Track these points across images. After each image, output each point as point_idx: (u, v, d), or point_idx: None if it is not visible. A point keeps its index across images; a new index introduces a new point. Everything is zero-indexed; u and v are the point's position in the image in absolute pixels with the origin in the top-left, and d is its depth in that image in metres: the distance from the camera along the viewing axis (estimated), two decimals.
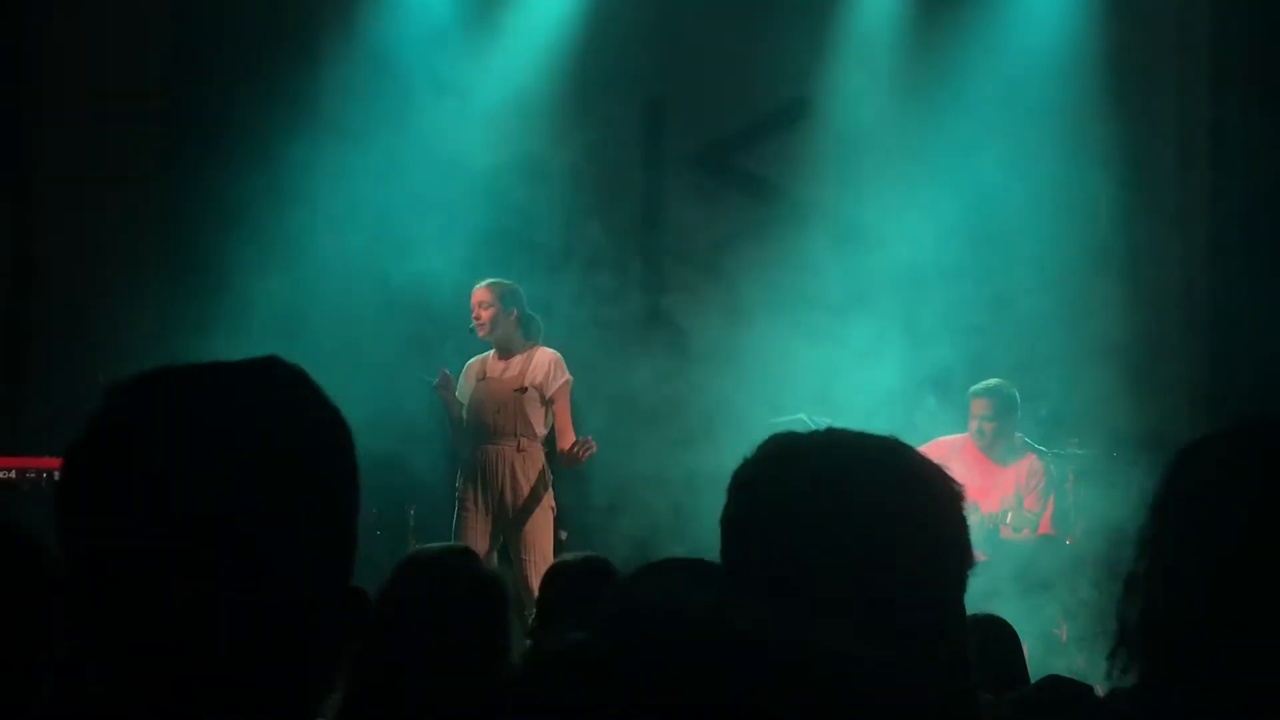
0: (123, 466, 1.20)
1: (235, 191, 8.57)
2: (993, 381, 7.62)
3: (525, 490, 7.29)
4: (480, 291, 7.46)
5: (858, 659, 0.81)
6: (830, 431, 1.56)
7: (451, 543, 2.99)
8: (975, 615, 2.96)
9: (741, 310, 9.22)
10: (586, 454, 7.32)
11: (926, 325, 9.01)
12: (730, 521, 1.55)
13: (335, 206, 8.79)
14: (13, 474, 7.48)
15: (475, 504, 7.34)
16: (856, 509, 1.48)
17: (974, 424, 7.52)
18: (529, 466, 7.34)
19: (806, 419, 7.30)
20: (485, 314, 7.39)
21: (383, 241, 8.76)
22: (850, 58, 9.48)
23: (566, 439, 7.39)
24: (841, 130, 9.59)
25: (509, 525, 7.28)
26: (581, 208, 9.61)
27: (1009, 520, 7.30)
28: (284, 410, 1.24)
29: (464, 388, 7.57)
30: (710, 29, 9.36)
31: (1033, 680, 3.69)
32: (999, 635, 3.68)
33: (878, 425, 1.65)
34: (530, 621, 3.75)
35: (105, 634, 1.20)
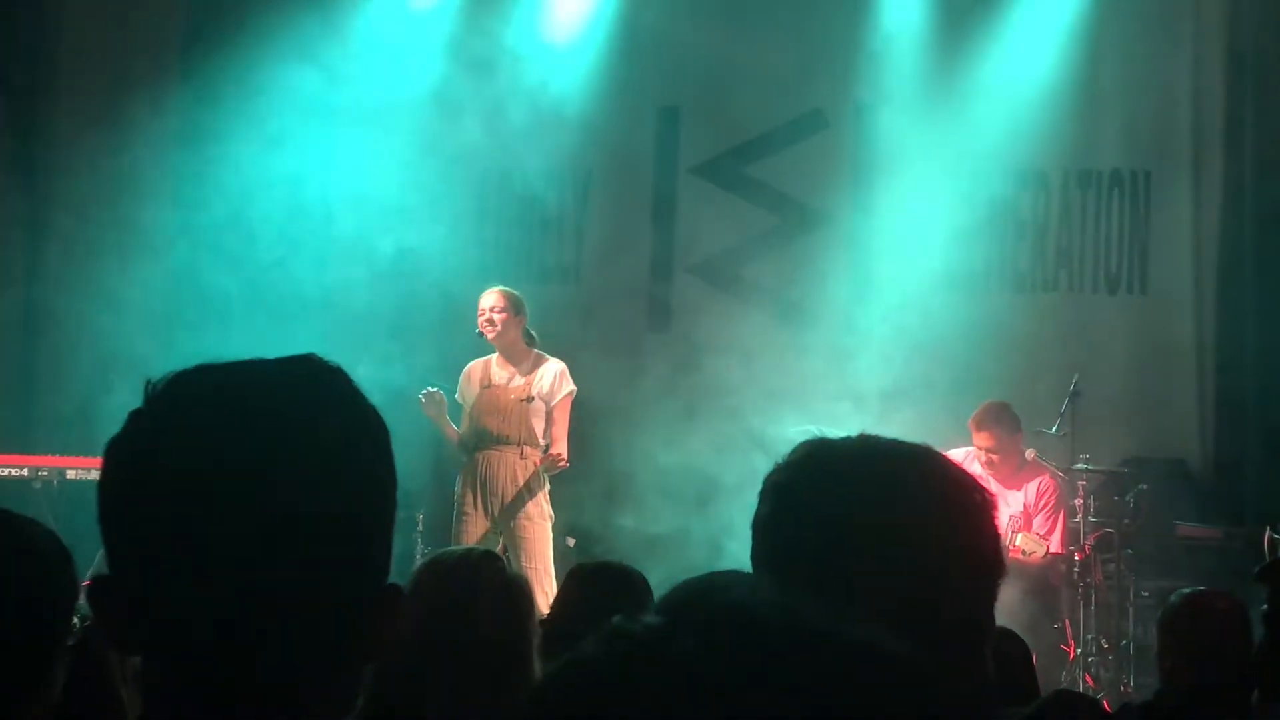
0: (164, 462, 1.19)
1: (249, 195, 8.56)
2: (988, 412, 7.57)
3: (526, 498, 7.28)
4: (493, 295, 7.46)
5: (929, 666, 0.79)
6: (864, 437, 1.56)
7: (473, 546, 2.99)
8: None
9: (750, 319, 9.20)
10: (559, 467, 7.33)
11: (936, 338, 8.98)
12: (763, 524, 1.54)
13: (345, 202, 8.77)
14: (25, 471, 7.51)
15: (475, 509, 7.33)
16: (894, 514, 1.49)
17: (979, 454, 7.54)
18: (531, 475, 7.34)
19: (815, 429, 7.27)
20: (499, 317, 7.39)
21: (399, 247, 8.74)
22: (867, 72, 9.46)
23: (558, 449, 7.38)
24: (856, 144, 9.57)
25: (509, 532, 7.27)
26: (593, 214, 9.60)
27: (1019, 543, 7.28)
28: (322, 406, 1.23)
29: (465, 390, 7.55)
30: (727, 39, 9.35)
31: (1042, 695, 3.67)
32: (1010, 648, 3.65)
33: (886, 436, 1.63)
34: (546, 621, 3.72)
35: (144, 629, 1.20)
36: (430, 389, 7.37)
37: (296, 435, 1.20)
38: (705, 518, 8.22)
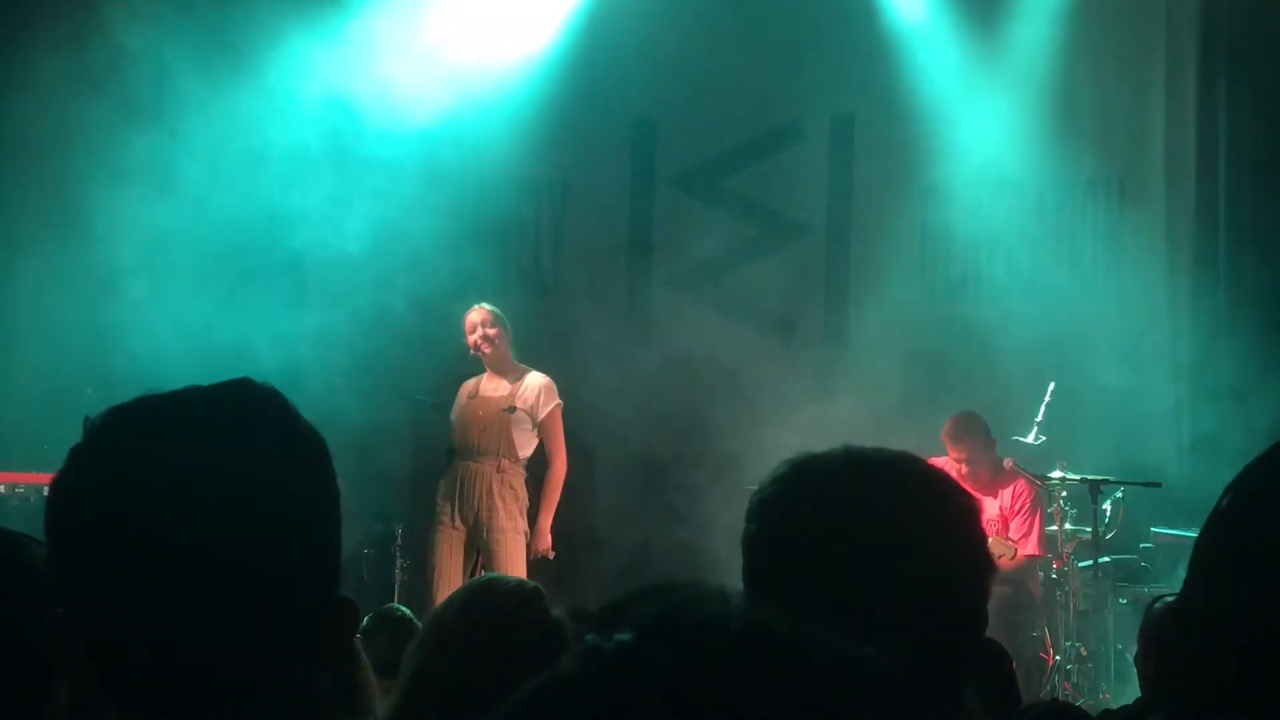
0: (106, 498, 1.23)
1: (212, 211, 8.49)
2: (959, 425, 7.68)
3: (501, 512, 7.30)
4: (482, 312, 7.51)
5: (895, 672, 0.80)
6: (847, 448, 1.58)
7: (525, 581, 2.99)
8: None
9: (731, 331, 9.19)
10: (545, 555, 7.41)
11: (916, 348, 9.00)
12: (752, 541, 1.56)
13: (316, 220, 8.71)
14: (2, 488, 7.45)
15: (451, 520, 7.37)
16: (880, 522, 1.51)
17: (955, 465, 7.62)
18: (506, 488, 7.35)
19: (798, 444, 7.28)
20: (492, 332, 7.46)
21: (374, 264, 8.70)
22: (843, 83, 9.47)
23: (559, 460, 7.45)
24: (833, 155, 9.58)
25: (484, 545, 7.29)
26: (568, 228, 9.58)
27: (989, 546, 7.31)
28: (255, 429, 1.27)
29: (456, 407, 7.62)
30: (701, 50, 9.35)
31: (1024, 703, 3.67)
32: (991, 656, 3.65)
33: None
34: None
35: (101, 663, 1.23)
36: None
37: (230, 460, 1.24)
38: (685, 535, 8.21)
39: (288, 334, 8.02)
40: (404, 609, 5.14)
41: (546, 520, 7.40)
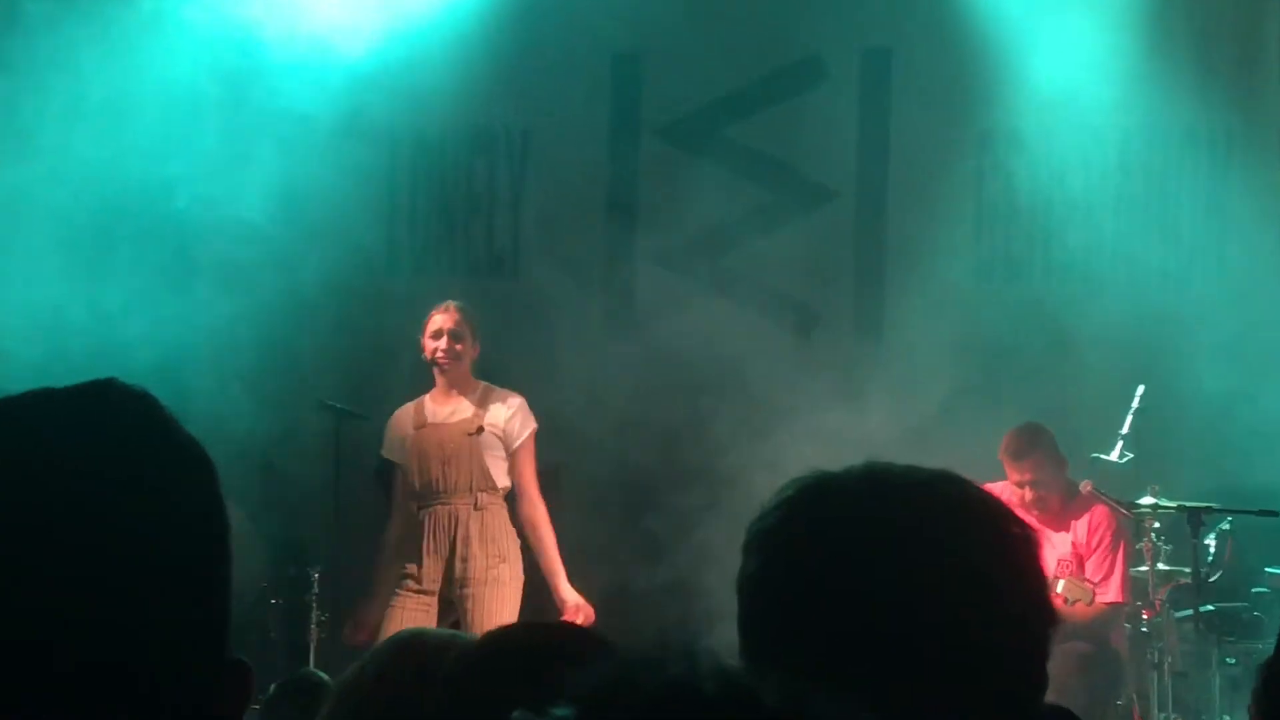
0: None
1: (107, 172, 8.51)
2: (1022, 437, 7.80)
3: (479, 560, 7.33)
4: (452, 316, 7.55)
5: None
6: (870, 466, 1.58)
7: (458, 634, 3.09)
8: None
9: (735, 320, 9.19)
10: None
11: (966, 341, 9.00)
12: (752, 581, 1.56)
13: (219, 180, 8.73)
14: None
15: (420, 580, 7.41)
16: (912, 559, 1.50)
17: (1017, 491, 7.76)
18: (490, 528, 7.40)
19: (816, 460, 7.25)
20: (459, 346, 7.51)
21: (279, 234, 8.68)
22: (878, 9, 9.49)
23: (531, 500, 7.50)
24: (864, 99, 9.58)
25: (464, 604, 7.32)
26: (530, 190, 9.59)
27: (1061, 589, 7.35)
28: (121, 444, 1.26)
29: (393, 443, 7.65)
30: None
31: None
32: None
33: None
34: None
35: None
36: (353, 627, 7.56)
37: (88, 483, 1.22)
38: (673, 573, 8.21)
39: (166, 321, 8.05)
40: (320, 674, 5.17)
41: (565, 584, 7.46)
